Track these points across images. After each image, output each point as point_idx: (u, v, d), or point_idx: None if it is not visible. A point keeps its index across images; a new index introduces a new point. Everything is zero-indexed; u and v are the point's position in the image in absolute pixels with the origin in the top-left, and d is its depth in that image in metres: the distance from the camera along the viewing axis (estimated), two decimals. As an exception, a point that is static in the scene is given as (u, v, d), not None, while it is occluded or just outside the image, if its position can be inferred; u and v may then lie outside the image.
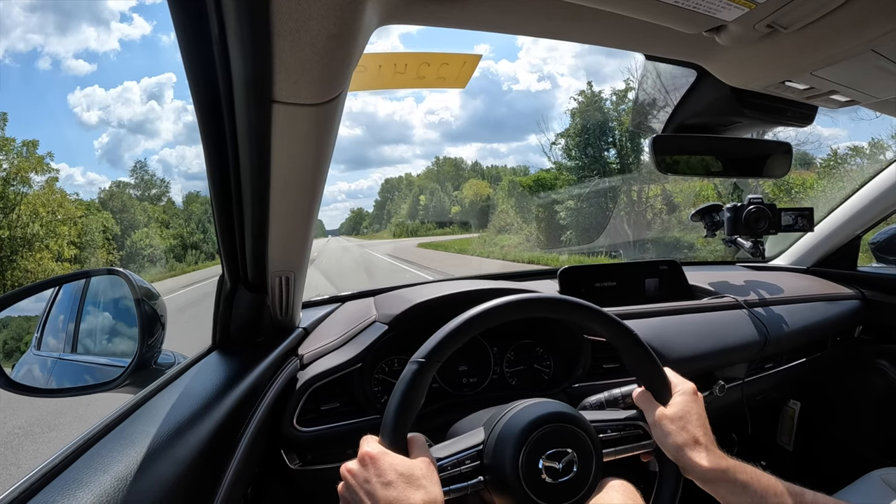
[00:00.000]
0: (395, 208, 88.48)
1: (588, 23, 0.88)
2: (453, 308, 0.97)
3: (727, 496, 0.88)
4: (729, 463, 0.90)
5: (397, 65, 0.98)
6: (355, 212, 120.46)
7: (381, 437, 0.84)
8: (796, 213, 1.92)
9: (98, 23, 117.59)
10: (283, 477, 1.31)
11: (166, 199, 46.94)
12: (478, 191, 62.23)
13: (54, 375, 1.33)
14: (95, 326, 1.40)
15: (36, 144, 26.61)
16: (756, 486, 0.87)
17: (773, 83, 1.12)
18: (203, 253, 42.88)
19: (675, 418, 0.94)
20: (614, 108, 23.81)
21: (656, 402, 0.98)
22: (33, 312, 1.33)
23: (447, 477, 0.85)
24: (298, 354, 1.36)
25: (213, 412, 0.92)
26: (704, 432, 0.93)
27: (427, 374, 0.85)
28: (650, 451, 0.99)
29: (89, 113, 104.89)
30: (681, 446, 0.91)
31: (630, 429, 0.99)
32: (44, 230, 25.19)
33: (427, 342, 0.88)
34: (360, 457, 0.81)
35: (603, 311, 0.98)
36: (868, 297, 2.02)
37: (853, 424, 2.13)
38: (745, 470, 0.89)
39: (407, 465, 0.79)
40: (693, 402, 0.97)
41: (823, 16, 0.79)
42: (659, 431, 0.95)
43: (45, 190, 26.44)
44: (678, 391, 0.98)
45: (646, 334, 1.13)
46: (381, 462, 0.78)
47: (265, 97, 0.74)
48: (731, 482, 0.88)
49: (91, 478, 0.67)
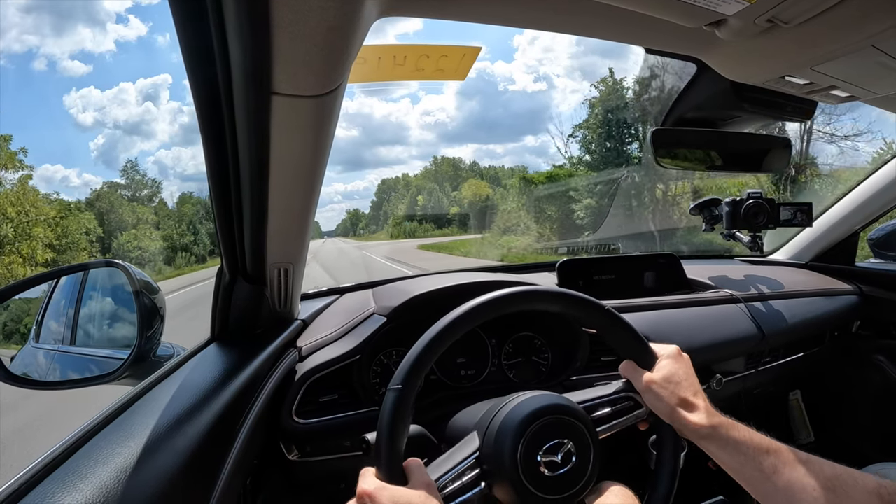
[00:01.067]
0: (393, 209, 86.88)
1: (589, 16, 0.88)
2: (451, 300, 0.97)
3: (719, 453, 0.88)
4: (721, 420, 0.90)
5: (396, 57, 0.98)
6: (351, 213, 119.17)
7: (377, 470, 0.83)
8: (795, 208, 1.92)
9: (94, 24, 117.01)
10: (281, 468, 1.31)
11: (158, 199, 45.78)
12: (477, 191, 61.22)
13: (53, 368, 1.33)
14: (94, 318, 1.40)
15: (9, 139, 25.71)
16: (749, 443, 0.87)
17: (772, 78, 1.12)
18: (194, 255, 41.86)
19: (664, 382, 0.94)
20: (637, 98, 22.44)
21: (642, 370, 0.98)
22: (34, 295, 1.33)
23: (450, 493, 0.84)
24: (297, 346, 1.36)
25: (213, 404, 0.92)
26: (694, 391, 0.93)
27: (408, 398, 0.84)
28: (645, 419, 0.99)
29: (85, 114, 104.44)
30: (674, 408, 0.91)
31: (621, 402, 0.99)
32: (14, 232, 24.11)
33: (401, 365, 0.87)
34: (358, 495, 0.80)
35: (571, 292, 0.98)
36: (866, 293, 2.02)
37: (850, 420, 2.13)
38: (737, 427, 0.89)
39: (406, 496, 0.78)
40: (679, 363, 0.97)
41: (824, 11, 0.79)
42: (650, 396, 0.95)
43: (17, 189, 25.32)
44: (663, 355, 0.99)
45: (643, 327, 1.13)
46: (380, 498, 0.77)
47: (264, 89, 0.73)
48: (723, 438, 0.88)
49: (91, 469, 0.67)
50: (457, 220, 64.23)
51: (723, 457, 0.88)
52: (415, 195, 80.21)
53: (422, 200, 77.54)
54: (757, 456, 0.85)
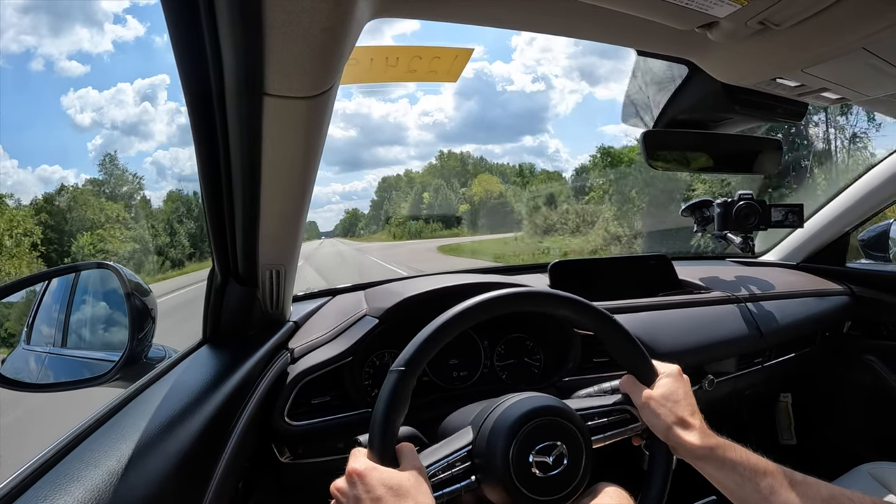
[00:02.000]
0: (395, 208, 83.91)
1: (580, 18, 0.88)
2: (444, 302, 0.97)
3: (716, 474, 0.89)
4: (718, 441, 0.91)
5: (389, 58, 0.98)
6: (350, 213, 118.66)
7: (368, 450, 0.83)
8: (786, 210, 1.93)
9: (91, 24, 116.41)
10: (274, 470, 1.31)
11: (140, 196, 42.30)
12: (488, 187, 59.06)
13: (44, 370, 1.33)
14: (85, 320, 1.39)
15: None
16: (745, 464, 0.87)
17: (764, 80, 1.13)
18: (169, 260, 38.72)
19: (662, 399, 0.95)
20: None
21: (642, 385, 0.98)
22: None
23: (439, 481, 0.85)
24: (289, 348, 1.35)
25: (204, 406, 0.92)
26: (692, 411, 0.94)
27: (409, 381, 0.85)
28: (639, 434, 0.99)
29: (83, 115, 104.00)
30: (670, 426, 0.92)
31: (617, 414, 1.00)
32: None
33: (406, 349, 0.87)
34: (347, 473, 0.80)
35: (582, 300, 0.99)
36: (857, 293, 2.03)
37: (842, 419, 2.15)
38: (734, 448, 0.90)
39: (396, 478, 0.78)
40: (679, 383, 0.98)
41: (815, 14, 0.80)
42: (647, 413, 0.95)
43: None
44: (663, 373, 0.99)
45: (635, 328, 1.13)
46: (369, 478, 0.78)
47: (257, 90, 0.73)
48: (719, 460, 0.88)
49: (83, 472, 0.67)
50: (467, 218, 61.71)
51: (719, 477, 0.89)
52: (419, 192, 78.08)
53: (427, 198, 75.33)
54: (754, 477, 0.86)
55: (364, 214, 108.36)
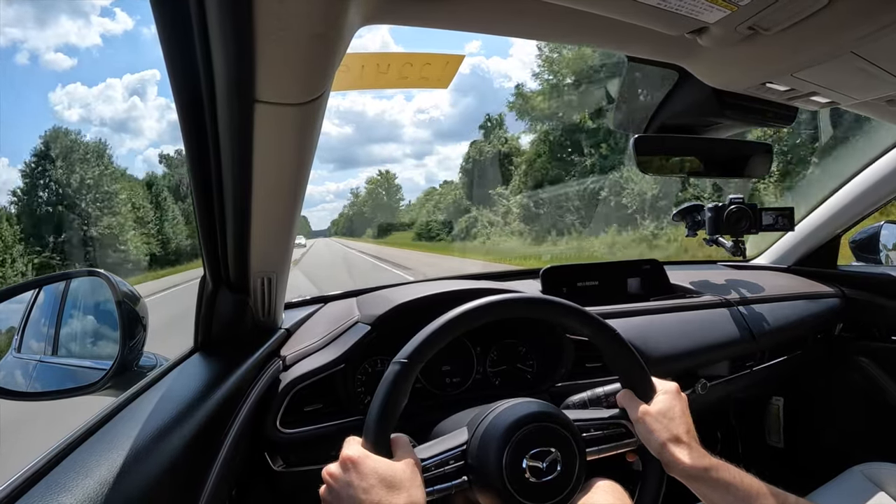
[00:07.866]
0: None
1: (570, 24, 0.89)
2: (436, 308, 0.97)
3: (710, 494, 0.89)
4: (712, 461, 0.91)
5: (380, 65, 0.98)
6: (345, 215, 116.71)
7: (363, 438, 0.83)
8: (777, 213, 1.94)
9: (78, 16, 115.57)
10: (266, 479, 1.30)
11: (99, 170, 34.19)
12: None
13: (35, 378, 1.32)
14: (76, 329, 1.38)
15: None
16: (739, 485, 0.88)
17: (754, 85, 1.13)
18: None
19: (659, 416, 0.95)
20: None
21: (639, 401, 0.98)
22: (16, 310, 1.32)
23: (431, 477, 0.85)
24: (281, 356, 1.35)
25: (196, 414, 0.91)
26: (687, 430, 0.94)
27: (410, 374, 0.86)
28: (634, 450, 1.00)
29: (70, 111, 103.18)
30: (664, 443, 0.92)
31: (613, 427, 1.00)
32: None
33: (410, 342, 0.88)
34: (341, 460, 0.80)
35: (586, 311, 0.99)
36: (848, 295, 2.04)
37: (834, 421, 2.15)
38: (728, 469, 0.90)
39: (389, 468, 0.78)
40: (676, 401, 0.98)
41: (804, 18, 0.80)
42: (642, 429, 0.95)
43: None
44: (661, 390, 1.00)
45: (628, 333, 1.13)
46: (363, 465, 0.78)
47: (247, 97, 0.73)
48: (713, 480, 0.89)
49: (74, 482, 0.66)
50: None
51: (713, 497, 0.89)
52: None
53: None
54: (747, 499, 0.86)
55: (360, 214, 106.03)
